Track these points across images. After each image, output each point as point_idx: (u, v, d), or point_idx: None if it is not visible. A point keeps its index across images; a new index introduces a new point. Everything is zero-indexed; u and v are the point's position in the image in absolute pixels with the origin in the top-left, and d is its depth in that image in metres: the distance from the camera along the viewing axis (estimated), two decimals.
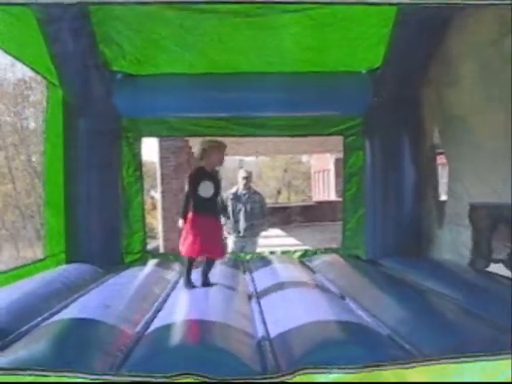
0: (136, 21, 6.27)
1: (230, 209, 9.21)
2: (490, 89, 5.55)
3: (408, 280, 5.81)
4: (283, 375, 2.97)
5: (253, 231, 9.24)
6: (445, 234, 6.79)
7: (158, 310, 4.68)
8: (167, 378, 2.81)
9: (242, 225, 9.13)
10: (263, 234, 9.73)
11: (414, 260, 6.75)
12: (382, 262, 7.03)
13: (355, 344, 3.50)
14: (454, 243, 6.48)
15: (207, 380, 2.83)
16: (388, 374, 3.04)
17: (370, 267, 6.88)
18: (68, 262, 7.08)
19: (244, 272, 6.89)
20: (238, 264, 7.40)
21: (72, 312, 4.36)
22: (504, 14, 4.92)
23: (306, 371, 2.96)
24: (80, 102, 7.10)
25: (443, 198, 7.21)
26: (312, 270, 6.91)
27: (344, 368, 3.01)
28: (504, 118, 5.25)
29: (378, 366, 3.04)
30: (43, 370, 2.82)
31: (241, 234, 9.14)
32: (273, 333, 3.95)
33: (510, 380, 3.03)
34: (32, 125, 21.73)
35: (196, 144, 14.75)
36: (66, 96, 7.13)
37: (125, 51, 6.89)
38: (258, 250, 9.35)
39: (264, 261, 7.48)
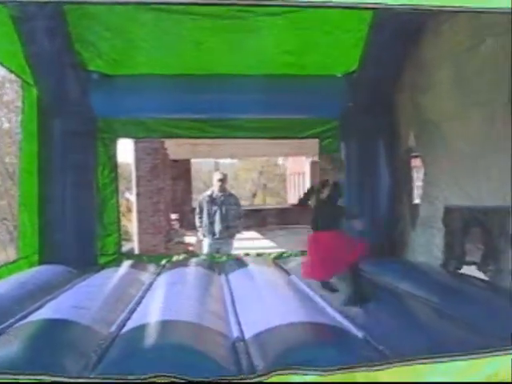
0: (113, 21, 6.25)
1: (204, 211, 9.19)
2: (465, 94, 5.62)
3: (382, 282, 5.86)
4: (259, 376, 2.98)
5: (228, 233, 9.22)
6: (419, 236, 6.85)
7: (133, 311, 4.66)
8: (141, 380, 2.81)
9: (217, 227, 9.11)
10: (238, 236, 9.72)
11: (389, 262, 6.80)
12: None
13: (329, 346, 3.52)
14: (427, 245, 6.54)
15: (182, 381, 2.83)
16: (362, 375, 3.07)
17: None
18: (42, 263, 7.01)
19: (219, 274, 6.88)
20: (213, 266, 7.39)
21: (46, 313, 4.32)
22: (479, 21, 5.00)
23: (281, 372, 2.98)
24: (55, 102, 7.04)
25: (417, 200, 7.28)
26: (287, 272, 6.92)
27: (318, 370, 3.03)
28: (479, 122, 5.32)
29: (352, 367, 3.07)
30: (16, 374, 2.80)
31: (216, 236, 9.12)
32: (247, 334, 3.96)
33: (484, 379, 3.08)
34: (5, 125, 21.43)
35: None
36: (41, 96, 7.06)
37: (101, 51, 6.86)
38: (234, 252, 9.33)
39: (239, 263, 7.47)
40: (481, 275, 5.34)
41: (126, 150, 14.66)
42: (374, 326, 4.10)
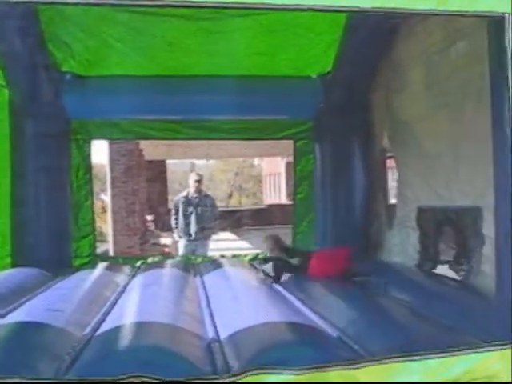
0: (86, 21, 6.21)
1: (180, 212, 9.18)
2: (436, 95, 5.69)
3: (357, 282, 5.90)
4: (233, 375, 2.99)
5: (204, 234, 9.23)
6: (394, 236, 6.91)
7: (108, 313, 4.63)
8: (116, 380, 2.79)
9: (192, 228, 9.11)
10: (214, 237, 9.73)
11: (364, 262, 6.83)
12: None
13: (304, 345, 3.54)
14: (403, 245, 6.60)
15: (156, 381, 2.83)
16: (336, 374, 3.09)
17: None
18: (15, 265, 6.92)
19: (194, 275, 6.87)
20: (189, 267, 7.38)
21: (18, 316, 4.28)
22: (450, 23, 5.06)
23: (255, 372, 2.99)
24: (28, 102, 6.97)
25: (393, 201, 7.34)
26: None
27: (293, 369, 3.04)
28: (448, 123, 5.40)
29: (327, 366, 3.09)
30: None
31: (192, 238, 9.12)
32: (223, 334, 3.96)
33: (455, 377, 3.13)
34: None
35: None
36: (13, 96, 6.99)
37: (74, 52, 6.80)
38: (209, 253, 9.34)
39: (215, 264, 7.47)
40: (454, 275, 5.40)
41: (100, 151, 14.58)
42: (348, 326, 4.14)
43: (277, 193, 36.30)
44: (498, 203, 3.77)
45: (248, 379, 2.98)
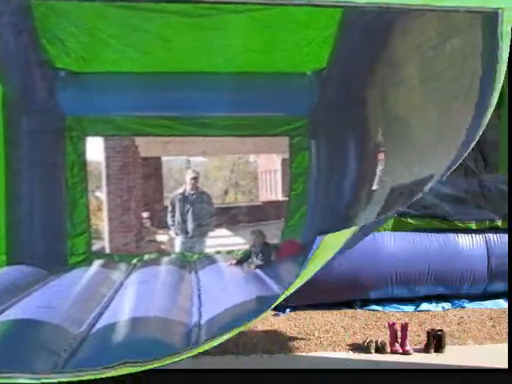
0: (80, 17, 6.19)
1: (177, 209, 9.17)
2: (430, 91, 5.69)
3: None
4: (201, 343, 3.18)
5: (200, 231, 9.21)
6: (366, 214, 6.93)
7: (103, 310, 4.64)
8: (106, 368, 2.84)
9: (189, 225, 9.09)
10: (210, 233, 9.73)
11: None
12: None
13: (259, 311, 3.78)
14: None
15: (141, 365, 2.92)
16: None
17: None
18: (10, 263, 6.91)
19: (190, 271, 6.88)
20: (185, 264, 7.39)
21: (15, 313, 4.28)
22: (445, 19, 5.06)
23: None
24: (22, 99, 6.96)
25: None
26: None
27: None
28: (437, 117, 5.40)
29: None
30: None
31: (189, 235, 9.10)
32: (203, 320, 4.15)
33: None
34: None
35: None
36: (7, 93, 6.97)
37: (69, 48, 6.78)
38: (206, 249, 9.33)
39: (209, 260, 7.50)
40: None
41: (95, 148, 14.54)
42: None
43: (272, 189, 36.26)
44: None
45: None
